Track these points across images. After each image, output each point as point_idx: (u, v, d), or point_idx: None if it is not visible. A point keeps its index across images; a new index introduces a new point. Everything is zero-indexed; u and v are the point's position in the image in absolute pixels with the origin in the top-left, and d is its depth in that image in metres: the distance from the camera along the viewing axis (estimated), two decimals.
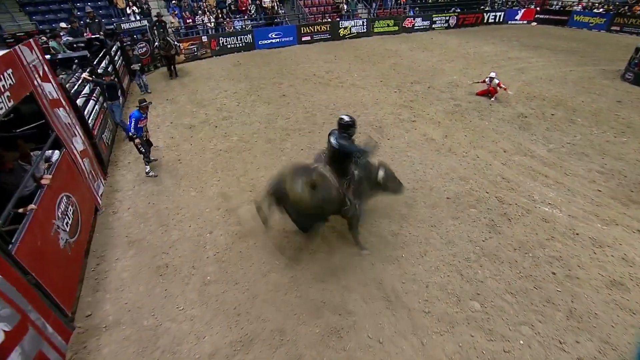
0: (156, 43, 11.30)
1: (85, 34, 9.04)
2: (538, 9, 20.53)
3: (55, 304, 3.28)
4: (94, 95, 6.77)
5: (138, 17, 12.46)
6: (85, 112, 6.01)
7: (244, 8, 16.17)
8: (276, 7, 16.66)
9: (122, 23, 11.28)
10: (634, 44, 11.17)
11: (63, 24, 8.92)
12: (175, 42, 11.53)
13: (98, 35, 8.77)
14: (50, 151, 4.27)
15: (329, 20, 17.31)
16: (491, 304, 3.69)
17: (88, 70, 6.62)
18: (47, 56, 6.41)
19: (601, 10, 18.18)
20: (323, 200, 3.68)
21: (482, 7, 21.62)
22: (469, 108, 8.68)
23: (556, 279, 3.92)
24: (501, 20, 20.97)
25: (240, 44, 15.04)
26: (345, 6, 18.05)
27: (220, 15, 15.41)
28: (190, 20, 14.69)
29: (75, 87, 6.06)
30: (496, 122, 7.90)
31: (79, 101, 5.84)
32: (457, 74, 11.36)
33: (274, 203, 3.96)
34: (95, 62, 7.46)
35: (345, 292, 3.87)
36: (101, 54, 8.27)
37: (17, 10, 13.63)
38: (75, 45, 8.31)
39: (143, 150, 5.93)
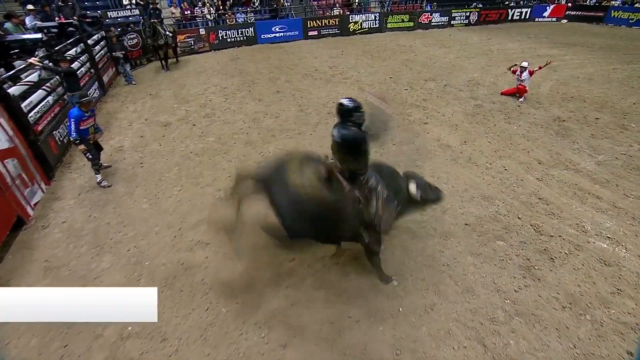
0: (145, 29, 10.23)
1: (57, 19, 8.15)
2: (569, 4, 18.74)
3: None
4: (49, 84, 5.80)
5: (131, 7, 11.57)
6: (27, 103, 5.03)
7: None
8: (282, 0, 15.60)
9: (109, 11, 10.36)
10: None
11: (31, 6, 8.07)
12: (167, 32, 10.50)
13: (71, 20, 7.85)
14: None
15: (339, 13, 16.11)
16: None
17: (41, 55, 5.63)
18: None
19: None
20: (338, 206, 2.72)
21: (506, 2, 20.01)
22: (493, 109, 7.32)
23: None
24: (527, 17, 19.36)
25: (241, 38, 14.03)
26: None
27: (222, 7, 14.45)
28: (189, 12, 13.77)
29: (11, 72, 5.06)
30: (527, 126, 6.52)
31: (15, 89, 4.83)
32: (478, 72, 9.97)
33: (259, 191, 2.90)
34: (57, 48, 6.48)
35: None
36: (72, 39, 7.32)
37: None
38: (45, 30, 7.38)
39: (91, 157, 4.85)
